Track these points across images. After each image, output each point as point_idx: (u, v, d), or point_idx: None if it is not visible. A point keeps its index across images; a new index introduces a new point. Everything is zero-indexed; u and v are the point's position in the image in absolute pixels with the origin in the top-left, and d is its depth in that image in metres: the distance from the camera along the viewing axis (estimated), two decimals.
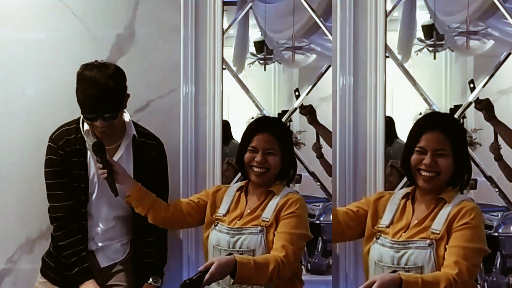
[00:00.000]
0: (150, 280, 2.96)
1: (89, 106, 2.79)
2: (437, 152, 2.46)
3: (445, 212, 2.45)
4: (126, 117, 2.96)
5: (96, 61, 2.89)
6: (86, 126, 2.93)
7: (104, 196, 2.95)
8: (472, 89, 3.16)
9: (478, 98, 3.11)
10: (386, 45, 3.12)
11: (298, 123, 3.46)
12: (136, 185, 2.82)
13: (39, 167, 2.98)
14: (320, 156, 3.36)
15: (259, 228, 2.70)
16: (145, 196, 2.83)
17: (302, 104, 3.40)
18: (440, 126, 2.49)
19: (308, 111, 3.38)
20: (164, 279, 3.00)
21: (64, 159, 2.93)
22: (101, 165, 2.81)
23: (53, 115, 3.14)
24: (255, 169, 2.75)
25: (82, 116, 2.92)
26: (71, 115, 2.99)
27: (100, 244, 2.98)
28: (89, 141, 2.91)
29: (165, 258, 3.06)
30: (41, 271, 3.05)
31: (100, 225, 2.98)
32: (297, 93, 3.45)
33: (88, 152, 2.93)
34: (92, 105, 2.78)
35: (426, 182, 2.48)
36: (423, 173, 2.47)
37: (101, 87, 2.77)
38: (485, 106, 3.09)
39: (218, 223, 2.79)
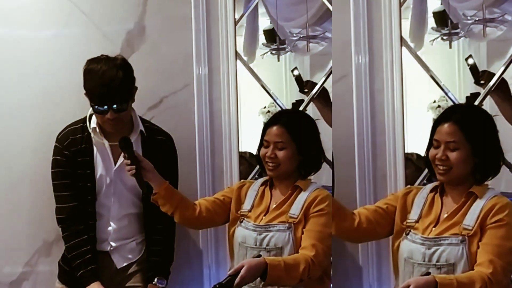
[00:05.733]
0: (155, 280, 2.75)
1: (98, 96, 2.63)
2: (449, 144, 2.28)
3: (477, 208, 2.26)
4: (133, 113, 2.79)
5: (102, 55, 2.72)
6: (93, 124, 2.75)
7: (114, 195, 2.77)
8: (475, 74, 2.97)
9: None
10: (401, 35, 2.91)
11: (311, 111, 3.27)
12: (164, 182, 2.61)
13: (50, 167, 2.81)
14: None
15: (287, 225, 2.52)
16: (173, 194, 2.62)
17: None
18: (452, 117, 2.31)
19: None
20: None
21: (69, 159, 2.75)
22: (129, 161, 2.60)
23: (64, 114, 2.96)
24: (268, 164, 2.58)
25: (88, 115, 2.76)
26: (81, 113, 2.81)
27: (114, 244, 2.80)
28: (97, 138, 2.74)
29: (171, 257, 2.86)
30: (58, 276, 2.87)
31: (112, 224, 2.79)
32: (306, 90, 3.24)
33: (95, 151, 2.76)
34: (101, 95, 2.62)
35: (441, 175, 2.31)
36: (438, 167, 2.31)
37: (109, 77, 2.62)
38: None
39: (243, 219, 2.61)
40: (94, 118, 2.77)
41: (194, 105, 3.07)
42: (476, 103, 2.91)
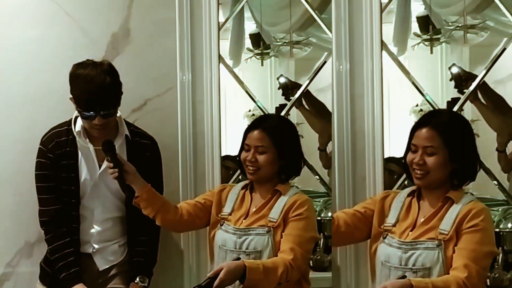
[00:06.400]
0: (137, 279, 2.76)
1: (87, 103, 2.61)
2: (427, 149, 2.28)
3: (453, 212, 2.26)
4: (119, 117, 2.77)
5: (88, 60, 2.70)
6: (78, 127, 2.74)
7: (99, 198, 2.77)
8: (456, 78, 2.98)
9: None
10: (382, 39, 2.91)
11: (295, 115, 3.27)
12: (146, 185, 2.60)
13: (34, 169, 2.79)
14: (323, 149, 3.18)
15: (266, 228, 2.51)
16: (155, 198, 2.61)
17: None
18: (430, 122, 2.31)
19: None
20: None
21: (53, 162, 2.74)
22: (111, 164, 2.58)
23: (48, 115, 2.95)
24: (249, 168, 2.57)
25: (74, 117, 2.75)
26: (65, 116, 2.80)
27: (96, 246, 2.79)
28: (81, 142, 2.73)
29: (155, 258, 2.85)
30: (40, 277, 2.86)
31: (95, 226, 2.78)
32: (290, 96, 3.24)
33: (79, 154, 2.75)
34: (90, 101, 2.60)
35: (418, 179, 2.31)
36: (416, 171, 2.30)
37: (98, 83, 2.60)
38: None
39: (224, 222, 2.60)
40: (79, 121, 2.76)
41: (177, 108, 3.06)
42: (456, 107, 2.92)
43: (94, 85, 2.60)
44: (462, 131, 2.35)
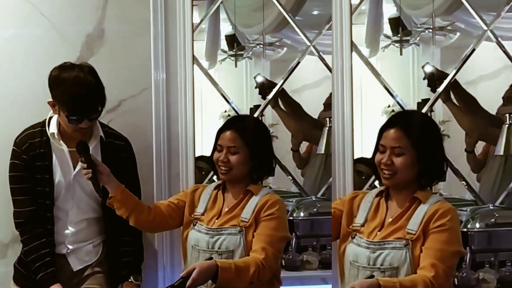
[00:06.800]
0: (131, 278, 2.76)
1: (77, 107, 2.59)
2: (395, 150, 2.30)
3: (420, 212, 2.28)
4: None
5: (66, 62, 2.68)
6: (52, 129, 2.72)
7: (73, 199, 2.75)
8: (430, 76, 3.01)
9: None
10: (351, 40, 2.94)
11: (270, 116, 3.29)
12: (120, 186, 2.60)
13: (7, 170, 2.77)
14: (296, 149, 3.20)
15: (238, 228, 2.53)
16: (128, 198, 2.61)
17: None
18: (398, 123, 2.32)
19: None
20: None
21: (27, 163, 2.72)
22: (85, 165, 2.57)
23: (22, 115, 2.92)
24: (221, 168, 2.58)
25: (47, 118, 2.73)
26: (40, 116, 2.77)
27: (70, 247, 2.78)
28: (55, 144, 2.71)
29: (142, 256, 2.86)
30: (14, 278, 2.84)
31: (70, 227, 2.77)
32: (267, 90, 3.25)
33: (54, 156, 2.73)
34: (80, 105, 2.58)
35: (386, 179, 2.33)
36: (384, 171, 2.32)
37: (87, 86, 2.59)
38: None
39: (196, 222, 2.61)
40: (53, 122, 2.73)
41: (152, 109, 3.05)
42: (426, 108, 2.95)
43: (83, 88, 2.59)
44: (429, 132, 2.37)
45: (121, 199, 2.60)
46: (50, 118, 2.75)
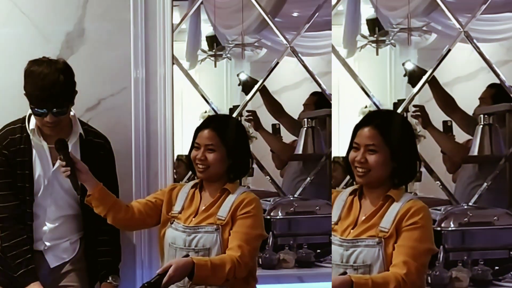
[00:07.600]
0: (110, 279, 2.75)
1: (39, 99, 2.59)
2: (369, 148, 2.31)
3: (393, 211, 2.29)
4: (73, 115, 2.76)
5: (43, 57, 2.68)
6: (32, 125, 2.72)
7: (51, 196, 2.75)
8: (411, 73, 3.03)
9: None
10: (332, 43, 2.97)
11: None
12: (98, 184, 2.61)
13: None
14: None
15: (215, 226, 2.54)
16: (106, 196, 2.62)
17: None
18: (373, 121, 2.34)
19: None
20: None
21: (8, 159, 2.71)
22: (64, 163, 2.58)
23: (2, 113, 2.89)
24: (198, 166, 2.60)
25: (27, 115, 2.72)
26: (20, 113, 2.76)
27: (48, 244, 2.77)
28: (35, 140, 2.71)
29: (119, 256, 2.85)
30: None
31: (47, 224, 2.76)
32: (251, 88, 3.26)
33: (34, 152, 2.72)
34: (42, 98, 2.59)
35: (359, 177, 2.34)
36: (357, 169, 2.33)
37: (51, 81, 2.58)
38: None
39: (174, 221, 2.62)
40: (33, 118, 2.73)
41: (131, 108, 3.04)
42: (401, 108, 2.98)
43: (47, 82, 2.58)
44: (403, 131, 2.38)
45: (99, 197, 2.60)
46: (30, 114, 2.75)
